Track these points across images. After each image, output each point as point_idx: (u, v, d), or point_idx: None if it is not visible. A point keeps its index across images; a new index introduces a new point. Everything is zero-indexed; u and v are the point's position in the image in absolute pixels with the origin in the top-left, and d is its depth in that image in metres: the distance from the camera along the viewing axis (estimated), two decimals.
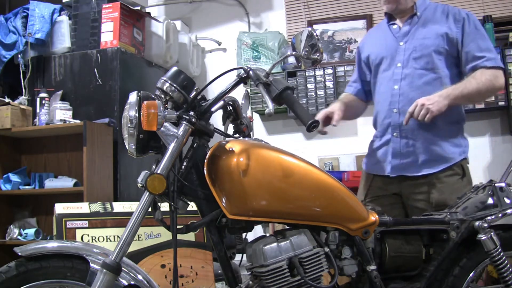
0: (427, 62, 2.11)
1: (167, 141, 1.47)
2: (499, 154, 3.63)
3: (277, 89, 1.52)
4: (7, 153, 3.48)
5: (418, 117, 1.95)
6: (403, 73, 2.13)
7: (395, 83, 2.14)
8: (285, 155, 1.58)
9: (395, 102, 2.12)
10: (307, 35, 1.58)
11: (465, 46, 2.09)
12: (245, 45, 4.06)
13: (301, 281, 1.47)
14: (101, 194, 3.13)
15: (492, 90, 2.11)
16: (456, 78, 2.12)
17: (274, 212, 1.53)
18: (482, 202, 1.75)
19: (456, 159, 2.09)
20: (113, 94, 3.39)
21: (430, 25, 2.15)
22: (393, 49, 2.18)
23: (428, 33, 2.13)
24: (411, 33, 2.16)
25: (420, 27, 2.16)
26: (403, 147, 2.10)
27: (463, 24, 2.10)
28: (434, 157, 2.07)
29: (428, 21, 2.16)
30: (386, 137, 2.16)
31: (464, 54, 2.10)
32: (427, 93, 2.02)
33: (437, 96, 1.98)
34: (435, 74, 2.10)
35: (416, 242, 1.70)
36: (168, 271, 2.19)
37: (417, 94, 2.05)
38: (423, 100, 1.96)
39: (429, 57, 2.10)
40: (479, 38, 2.10)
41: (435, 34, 2.11)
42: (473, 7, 3.77)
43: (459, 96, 2.01)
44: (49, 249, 1.47)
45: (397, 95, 2.12)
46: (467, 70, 2.09)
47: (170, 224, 1.48)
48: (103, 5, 3.54)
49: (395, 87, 2.14)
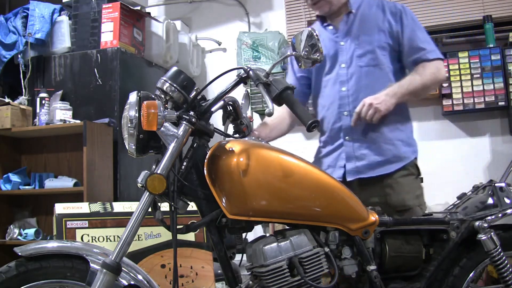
0: (371, 59, 2.06)
1: (167, 141, 1.47)
2: (499, 154, 3.63)
3: (277, 89, 1.52)
4: (7, 153, 3.48)
5: (366, 117, 1.92)
6: (348, 73, 2.08)
7: (342, 84, 2.08)
8: (285, 155, 1.58)
9: (345, 105, 2.06)
10: (307, 35, 1.58)
11: (405, 39, 2.06)
12: (245, 45, 4.06)
13: (301, 281, 1.47)
14: (101, 194, 3.13)
15: (436, 83, 2.12)
16: (399, 73, 2.09)
17: (274, 212, 1.53)
18: (482, 202, 1.75)
19: (410, 158, 2.06)
20: (113, 94, 3.39)
21: (369, 21, 2.10)
22: (333, 50, 2.11)
23: (369, 29, 2.08)
24: (351, 31, 2.10)
25: (359, 24, 2.11)
26: (357, 149, 2.05)
27: (400, 16, 2.07)
28: (389, 157, 2.03)
29: (366, 17, 2.11)
30: (338, 142, 2.09)
31: (405, 47, 2.06)
32: (376, 91, 1.97)
33: (384, 95, 1.94)
34: (381, 70, 2.06)
35: (416, 242, 1.70)
36: (168, 271, 2.19)
37: (366, 93, 2.00)
38: (370, 100, 1.93)
39: (373, 53, 2.06)
40: (417, 29, 2.07)
41: (376, 30, 2.07)
42: (473, 7, 3.76)
43: (406, 93, 1.98)
44: (49, 249, 1.47)
45: (346, 97, 2.06)
46: (409, 63, 2.07)
47: (170, 224, 1.48)
48: (103, 5, 3.54)
49: (342, 89, 2.07)
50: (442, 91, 3.66)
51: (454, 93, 3.65)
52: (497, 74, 3.60)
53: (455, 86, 3.65)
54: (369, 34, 2.08)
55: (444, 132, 3.78)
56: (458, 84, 3.65)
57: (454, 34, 3.93)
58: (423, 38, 2.06)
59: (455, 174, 3.65)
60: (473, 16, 3.76)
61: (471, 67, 3.65)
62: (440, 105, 3.71)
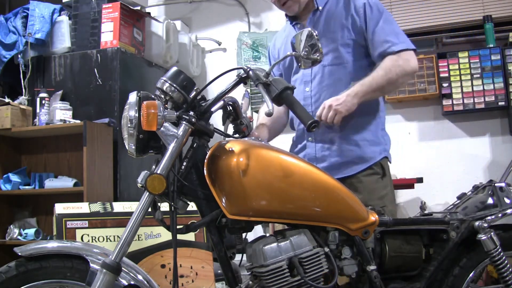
0: (335, 57, 2.02)
1: (167, 141, 1.47)
2: (499, 154, 3.63)
3: (277, 89, 1.52)
4: (7, 153, 3.48)
5: (327, 120, 1.88)
6: (312, 73, 2.05)
7: (306, 85, 2.07)
8: (285, 155, 1.58)
9: (308, 105, 2.03)
10: (307, 35, 1.58)
11: (369, 33, 2.00)
12: (245, 45, 4.06)
13: (301, 281, 1.47)
14: (101, 194, 3.13)
15: (405, 76, 2.00)
16: (367, 69, 2.01)
17: (274, 212, 1.53)
18: (482, 202, 1.75)
19: (376, 158, 2.02)
20: (113, 94, 3.39)
21: (335, 18, 2.05)
22: None
23: (333, 27, 2.04)
24: (316, 29, 2.01)
25: (324, 21, 2.06)
26: (319, 151, 2.03)
27: (364, 9, 2.00)
28: (352, 159, 2.00)
29: (331, 15, 2.06)
30: (302, 143, 2.09)
31: (370, 41, 2.00)
32: (338, 91, 1.94)
33: (345, 96, 1.90)
34: (344, 68, 2.02)
35: (416, 242, 1.70)
36: (168, 271, 2.19)
37: (328, 93, 1.98)
38: (330, 101, 1.89)
39: (336, 52, 2.02)
40: (384, 21, 1.99)
41: (340, 26, 2.02)
42: (473, 7, 3.77)
43: (369, 91, 1.92)
44: (49, 249, 1.47)
45: (309, 97, 2.05)
46: (376, 58, 2.01)
47: (170, 224, 1.48)
48: (103, 5, 3.54)
49: (306, 89, 2.06)
50: (442, 91, 3.67)
51: (454, 93, 3.65)
52: (497, 74, 3.60)
53: (455, 86, 3.66)
54: (333, 31, 2.03)
55: (444, 132, 3.78)
56: (458, 84, 3.66)
57: (454, 34, 3.93)
58: (389, 30, 1.99)
59: (455, 174, 3.65)
60: (473, 16, 3.76)
61: (471, 67, 3.65)
62: (440, 105, 3.71)
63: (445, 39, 3.96)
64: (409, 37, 2.10)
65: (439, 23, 3.84)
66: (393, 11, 3.90)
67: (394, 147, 2.17)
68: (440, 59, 3.70)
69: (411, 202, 3.71)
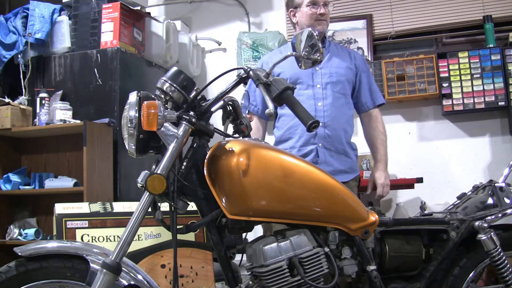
0: (341, 88, 2.43)
1: (167, 141, 1.47)
2: (499, 154, 3.63)
3: (277, 89, 1.52)
4: (7, 153, 3.47)
5: (383, 194, 2.44)
6: (324, 93, 2.39)
7: (318, 100, 2.39)
8: (285, 155, 1.59)
9: (321, 117, 2.36)
10: (307, 35, 1.58)
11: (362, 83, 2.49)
12: (245, 45, 4.06)
13: (301, 281, 1.47)
14: (101, 194, 3.13)
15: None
16: (351, 105, 2.51)
17: (274, 212, 1.53)
18: (482, 202, 1.75)
19: (357, 172, 2.48)
20: (113, 94, 3.39)
21: (340, 57, 2.48)
22: (309, 72, 2.38)
23: (339, 63, 2.45)
24: (325, 60, 2.41)
25: (331, 56, 2.47)
26: (327, 156, 2.35)
27: (360, 62, 2.52)
28: (346, 168, 2.40)
29: (336, 52, 2.50)
30: (309, 147, 2.35)
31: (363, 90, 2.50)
32: (343, 113, 2.41)
33: (383, 171, 2.46)
34: (345, 99, 2.45)
35: (416, 242, 1.70)
36: (168, 271, 2.19)
37: (337, 112, 2.39)
38: (384, 180, 2.43)
39: (343, 84, 2.43)
40: (371, 78, 2.55)
41: (345, 66, 2.46)
42: (473, 7, 3.76)
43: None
44: (49, 249, 1.47)
45: (322, 110, 2.37)
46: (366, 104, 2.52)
47: (170, 224, 1.48)
48: (103, 5, 3.53)
49: (319, 104, 2.38)
50: (442, 91, 3.66)
51: (454, 93, 3.65)
52: (497, 74, 3.59)
53: (455, 86, 3.65)
54: (340, 67, 2.45)
55: (444, 132, 3.78)
56: (458, 84, 3.65)
57: (454, 34, 3.93)
58: (374, 88, 2.53)
59: (455, 174, 3.65)
60: (473, 16, 3.76)
61: (471, 67, 3.64)
62: (440, 105, 3.71)
63: (445, 39, 3.96)
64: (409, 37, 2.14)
65: (439, 23, 3.84)
66: (393, 11, 3.90)
67: (394, 147, 2.18)
68: (440, 59, 3.70)
69: (411, 202, 3.71)
